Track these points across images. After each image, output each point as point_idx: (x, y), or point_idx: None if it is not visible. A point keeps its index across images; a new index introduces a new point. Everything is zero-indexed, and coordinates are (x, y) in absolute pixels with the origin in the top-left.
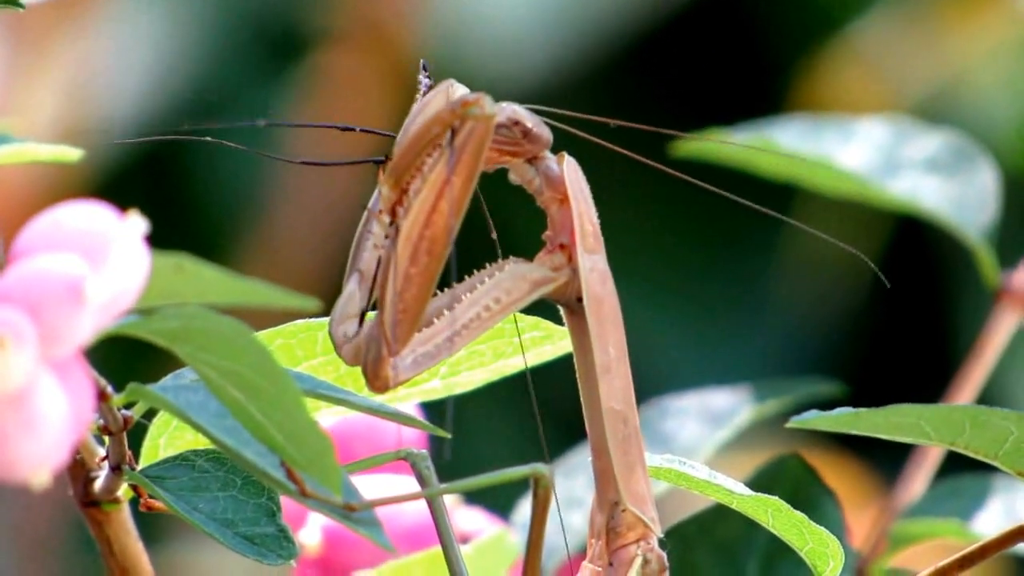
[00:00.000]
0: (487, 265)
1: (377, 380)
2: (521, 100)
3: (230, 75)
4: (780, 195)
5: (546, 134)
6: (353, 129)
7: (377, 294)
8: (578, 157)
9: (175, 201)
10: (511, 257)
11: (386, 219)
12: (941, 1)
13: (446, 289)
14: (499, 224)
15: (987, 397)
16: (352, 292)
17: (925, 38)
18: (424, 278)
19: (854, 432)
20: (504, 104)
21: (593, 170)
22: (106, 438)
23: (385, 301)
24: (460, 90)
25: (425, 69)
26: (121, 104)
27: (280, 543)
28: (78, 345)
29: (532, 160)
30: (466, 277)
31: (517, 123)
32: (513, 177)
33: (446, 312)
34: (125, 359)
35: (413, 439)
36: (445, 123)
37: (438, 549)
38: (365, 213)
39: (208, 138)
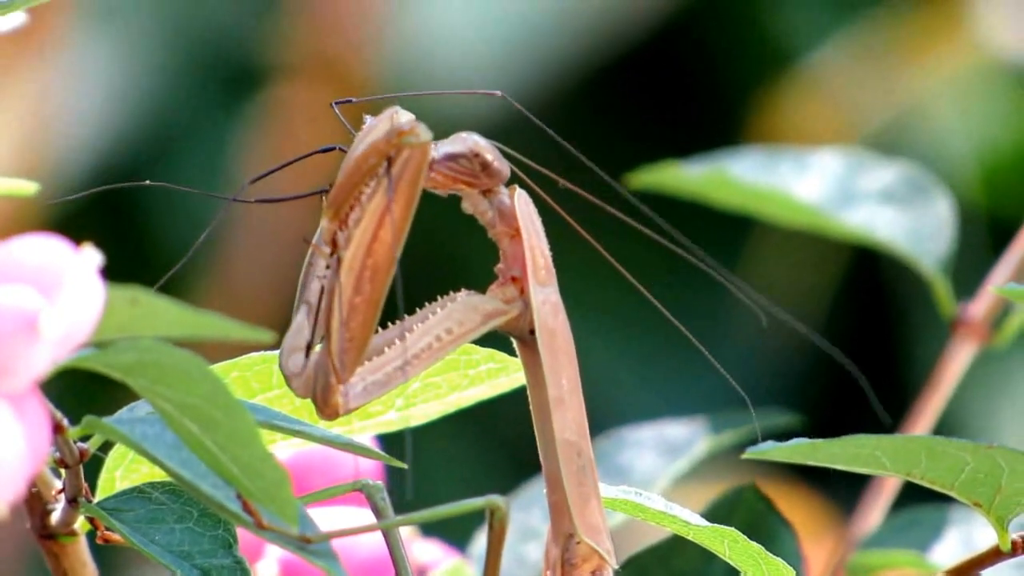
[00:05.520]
0: (439, 297)
1: (327, 408)
2: (474, 132)
3: (187, 108)
4: (736, 227)
5: (504, 169)
6: (334, 148)
7: (322, 323)
8: (531, 190)
9: (130, 234)
10: (463, 289)
11: (327, 249)
12: (897, 32)
13: (398, 321)
14: (451, 255)
15: (944, 428)
16: (301, 324)
17: (881, 69)
18: (368, 306)
19: (811, 463)
20: (466, 134)
21: (546, 202)
22: (62, 471)
23: (331, 330)
24: (405, 116)
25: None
26: (79, 137)
27: (237, 575)
28: (33, 378)
29: (487, 192)
30: (417, 309)
31: (478, 155)
32: (466, 206)
33: (397, 342)
34: (80, 392)
35: (369, 471)
36: (382, 153)
37: None
38: (311, 247)
39: (148, 182)
